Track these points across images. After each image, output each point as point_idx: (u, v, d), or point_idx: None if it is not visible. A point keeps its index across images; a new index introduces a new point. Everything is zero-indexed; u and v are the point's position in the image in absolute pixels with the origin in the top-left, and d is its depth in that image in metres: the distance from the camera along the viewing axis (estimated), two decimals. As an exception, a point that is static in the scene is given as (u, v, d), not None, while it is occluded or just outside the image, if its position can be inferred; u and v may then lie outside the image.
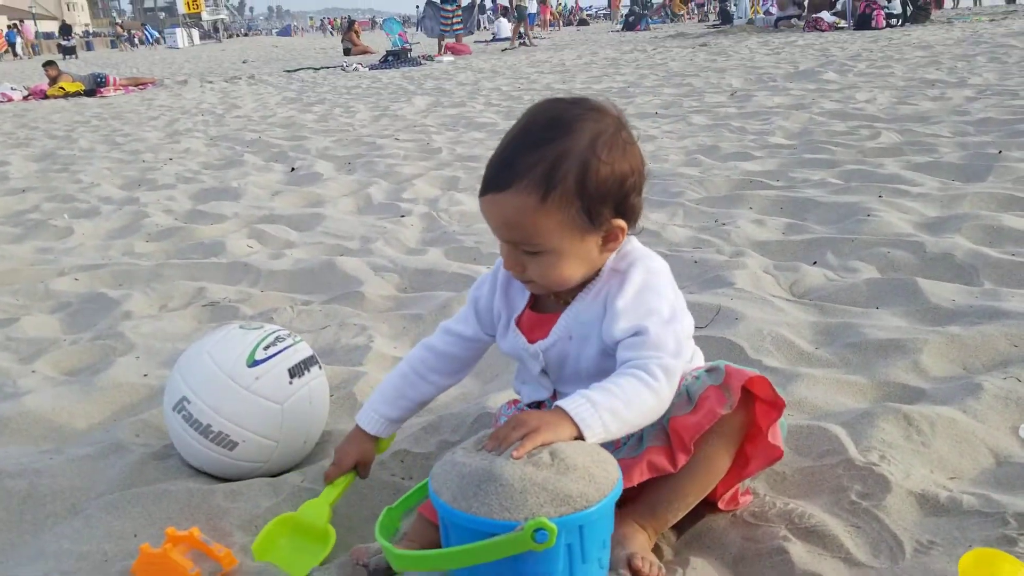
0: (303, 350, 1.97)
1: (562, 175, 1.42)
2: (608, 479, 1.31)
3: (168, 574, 1.54)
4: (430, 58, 17.80)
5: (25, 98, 14.19)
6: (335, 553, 1.65)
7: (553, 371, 1.61)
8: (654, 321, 1.46)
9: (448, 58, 17.82)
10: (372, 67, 16.48)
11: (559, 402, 1.39)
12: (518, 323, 1.64)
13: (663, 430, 1.51)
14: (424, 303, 3.00)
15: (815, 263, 3.16)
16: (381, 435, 1.74)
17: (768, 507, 1.65)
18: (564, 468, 1.28)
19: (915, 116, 6.24)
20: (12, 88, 14.64)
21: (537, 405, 1.66)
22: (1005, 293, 2.69)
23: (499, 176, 1.45)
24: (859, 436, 1.86)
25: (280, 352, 1.92)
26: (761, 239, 3.50)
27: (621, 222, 1.49)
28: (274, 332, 1.96)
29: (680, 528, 1.61)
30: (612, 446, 1.53)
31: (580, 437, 1.35)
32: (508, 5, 23.21)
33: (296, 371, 1.91)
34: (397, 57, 17.34)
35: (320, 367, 2.01)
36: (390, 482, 1.87)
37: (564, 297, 1.58)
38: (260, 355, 1.89)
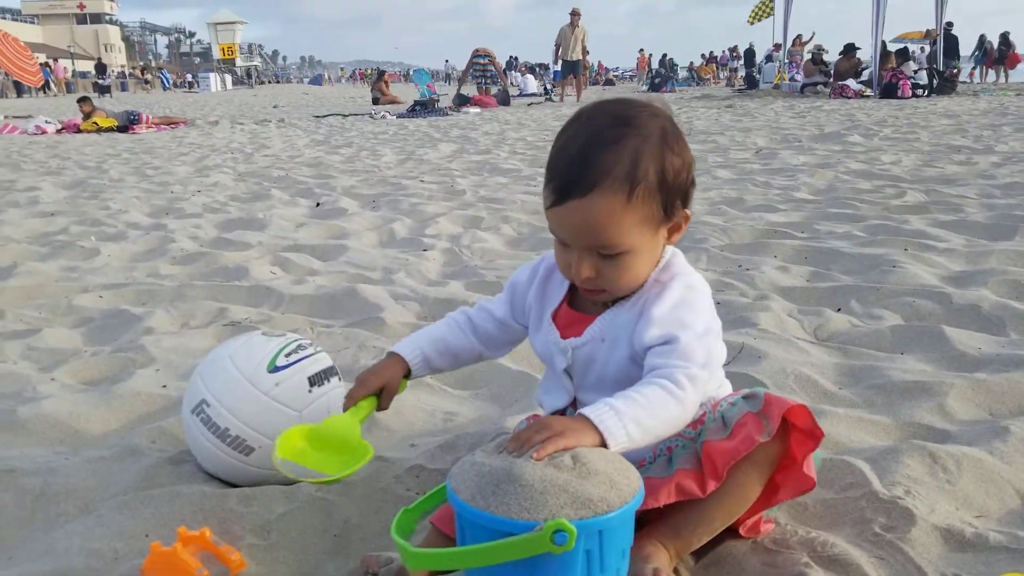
0: (324, 360, 1.96)
1: (643, 172, 1.42)
2: (630, 487, 1.29)
3: (177, 573, 1.52)
4: (456, 109, 18.03)
5: (59, 131, 14.45)
6: (343, 560, 1.62)
7: (578, 373, 1.59)
8: (687, 332, 1.45)
9: (475, 110, 18.04)
10: (399, 115, 16.70)
11: (583, 410, 1.37)
12: (554, 317, 1.62)
13: (695, 454, 1.49)
14: (444, 331, 2.99)
15: (839, 309, 3.14)
16: (414, 367, 1.69)
17: (790, 535, 1.62)
18: (586, 472, 1.26)
19: (940, 178, 6.24)
20: (47, 121, 14.92)
21: (560, 415, 1.63)
22: (1033, 344, 2.65)
23: (580, 180, 1.41)
24: (883, 471, 1.83)
25: (301, 360, 1.91)
26: (785, 285, 3.48)
27: (688, 211, 1.51)
28: (296, 340, 1.96)
29: (699, 552, 1.57)
30: (638, 463, 1.51)
31: (603, 444, 1.33)
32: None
33: (316, 380, 1.91)
34: (424, 107, 17.57)
35: (340, 379, 2.00)
36: (405, 496, 1.85)
37: (605, 299, 1.57)
38: (281, 362, 1.89)
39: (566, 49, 20.40)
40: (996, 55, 26.45)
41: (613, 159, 1.41)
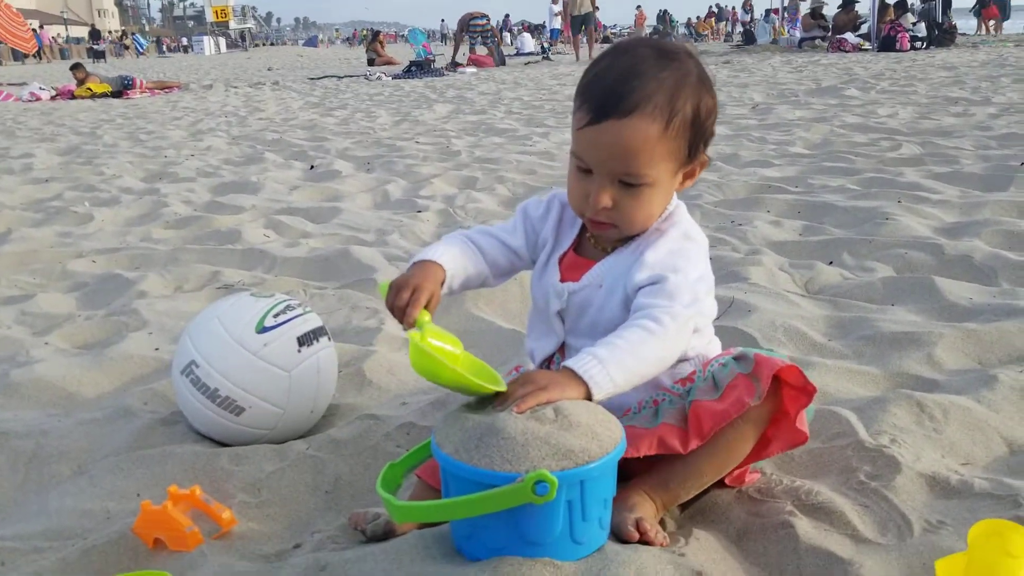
0: (313, 320, 1.97)
1: (682, 104, 1.43)
2: (611, 437, 1.30)
3: (167, 530, 1.54)
4: (453, 68, 17.88)
5: (53, 98, 14.35)
6: (334, 516, 1.64)
7: (570, 317, 1.58)
8: (677, 275, 1.45)
9: (471, 69, 17.90)
10: (395, 76, 16.57)
11: (566, 362, 1.38)
12: (560, 260, 1.61)
13: (682, 411, 1.50)
14: (437, 291, 2.99)
15: (831, 262, 3.14)
16: (449, 272, 1.54)
17: (774, 484, 1.63)
18: (567, 424, 1.27)
19: (937, 130, 6.20)
20: (41, 88, 14.81)
21: (547, 365, 1.64)
22: None
23: (622, 101, 1.41)
24: (870, 420, 1.84)
25: (290, 320, 1.91)
26: (777, 239, 3.48)
27: (706, 156, 1.52)
28: (284, 301, 1.96)
29: (684, 502, 1.59)
30: (623, 412, 1.52)
31: (588, 394, 1.33)
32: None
33: (305, 340, 1.91)
34: (420, 67, 17.42)
35: (329, 338, 2.00)
36: (395, 453, 1.86)
37: (605, 245, 1.58)
38: (270, 322, 1.89)
39: (574, 3, 19.13)
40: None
41: (655, 86, 1.42)
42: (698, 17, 42.13)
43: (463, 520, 1.29)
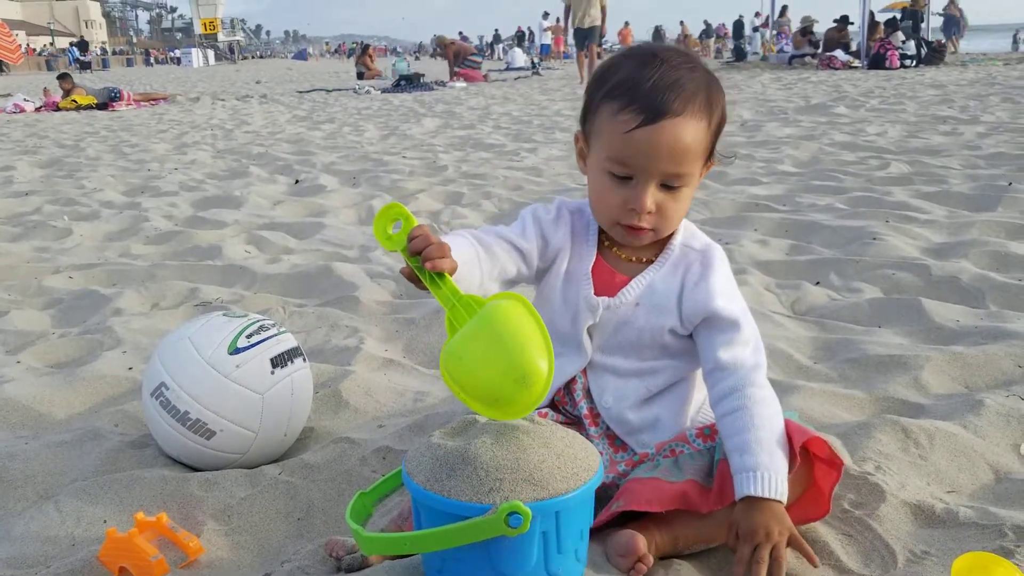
0: (287, 341, 1.92)
1: (716, 103, 1.46)
2: (588, 468, 1.26)
3: (132, 559, 1.49)
4: (442, 83, 17.88)
5: (38, 109, 14.27)
6: (305, 544, 1.59)
7: (603, 333, 1.54)
8: (746, 317, 1.50)
9: (460, 84, 17.90)
10: (384, 90, 16.55)
11: (747, 492, 1.36)
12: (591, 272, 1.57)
13: (706, 467, 1.48)
14: (418, 309, 2.95)
15: (818, 283, 3.11)
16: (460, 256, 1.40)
17: (757, 513, 1.59)
18: (543, 454, 1.23)
19: (925, 149, 6.20)
20: (25, 99, 14.73)
21: (567, 388, 1.59)
22: (1011, 315, 2.63)
23: (675, 100, 1.40)
24: (855, 447, 1.81)
25: (263, 341, 1.87)
26: (764, 259, 3.45)
27: (715, 159, 1.53)
28: (257, 321, 1.92)
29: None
30: (639, 458, 1.52)
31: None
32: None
33: (279, 361, 1.87)
34: (409, 81, 17.42)
35: (304, 359, 1.96)
36: (370, 478, 1.81)
37: (629, 256, 1.56)
38: (242, 343, 1.84)
39: (576, 13, 15.40)
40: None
41: (695, 85, 1.43)
42: (687, 36, 42.32)
43: (435, 552, 1.24)
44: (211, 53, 54.87)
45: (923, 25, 18.98)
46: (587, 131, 1.53)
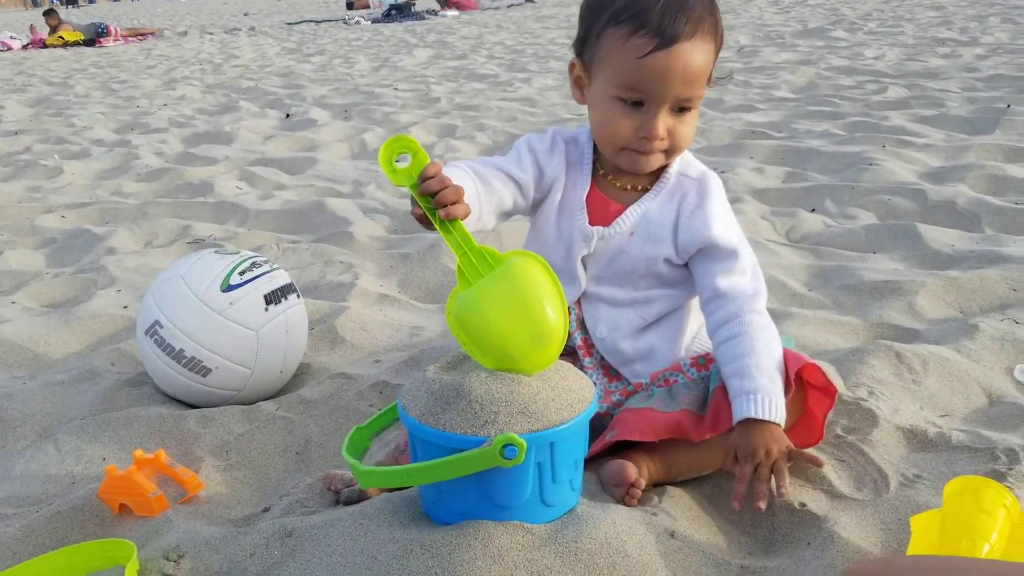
0: (280, 277, 1.91)
1: (720, 24, 1.44)
2: (583, 399, 1.26)
3: (132, 496, 1.50)
4: (434, 12, 17.56)
5: (24, 47, 14.04)
6: (303, 478, 1.61)
7: (597, 264, 1.53)
8: (744, 248, 1.50)
9: (452, 12, 17.57)
10: (374, 20, 16.27)
11: (744, 414, 1.37)
12: (585, 201, 1.55)
13: (700, 396, 1.48)
14: (413, 244, 2.94)
15: (813, 210, 3.10)
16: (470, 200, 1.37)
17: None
18: (537, 385, 1.24)
19: (924, 72, 6.11)
20: (12, 37, 14.49)
21: None
22: (1007, 239, 2.63)
23: (687, 23, 1.37)
24: (848, 373, 1.81)
25: (256, 278, 1.86)
26: (760, 187, 3.43)
27: (711, 82, 1.51)
28: (250, 258, 1.91)
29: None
30: (633, 387, 1.52)
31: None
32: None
33: (272, 298, 1.86)
34: (400, 11, 17.10)
35: (298, 296, 1.95)
36: (367, 412, 1.82)
37: (624, 184, 1.54)
38: (235, 280, 1.84)
39: None
40: None
41: (701, 8, 1.41)
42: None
43: (431, 484, 1.25)
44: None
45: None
46: (587, 59, 1.48)
